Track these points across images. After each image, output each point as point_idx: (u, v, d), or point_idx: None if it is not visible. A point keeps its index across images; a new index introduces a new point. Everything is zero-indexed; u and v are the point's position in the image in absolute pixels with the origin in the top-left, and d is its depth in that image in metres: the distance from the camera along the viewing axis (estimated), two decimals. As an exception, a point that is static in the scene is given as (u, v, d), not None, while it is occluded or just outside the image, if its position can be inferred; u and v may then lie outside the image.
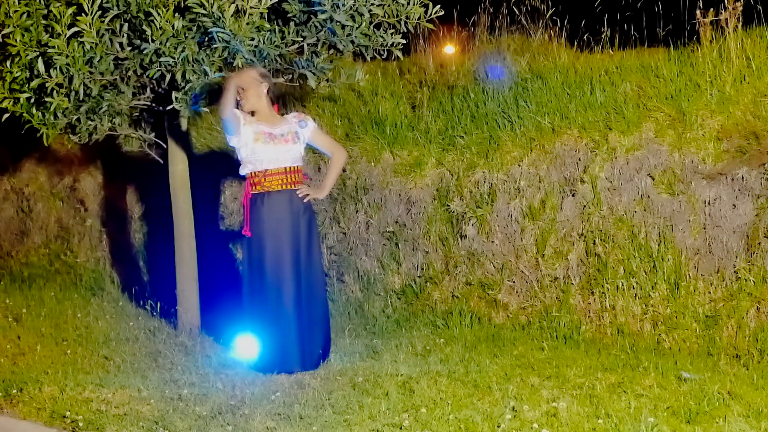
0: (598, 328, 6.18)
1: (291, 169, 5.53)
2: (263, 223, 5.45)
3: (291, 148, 5.51)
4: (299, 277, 5.46)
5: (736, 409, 4.50)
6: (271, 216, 5.45)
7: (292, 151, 5.52)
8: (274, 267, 5.42)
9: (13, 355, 5.85)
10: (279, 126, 5.56)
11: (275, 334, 5.41)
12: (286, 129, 5.55)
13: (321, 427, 4.40)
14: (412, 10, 6.07)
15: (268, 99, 5.61)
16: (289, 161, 5.51)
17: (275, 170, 5.48)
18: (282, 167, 5.49)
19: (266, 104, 5.59)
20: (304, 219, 5.53)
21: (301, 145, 5.59)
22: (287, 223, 5.47)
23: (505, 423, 4.32)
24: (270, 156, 5.46)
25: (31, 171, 9.21)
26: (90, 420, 4.58)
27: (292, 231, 5.47)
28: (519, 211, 6.68)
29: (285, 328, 5.40)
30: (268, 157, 5.46)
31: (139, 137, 6.93)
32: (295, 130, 5.58)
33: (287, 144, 5.50)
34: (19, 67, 5.74)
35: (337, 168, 5.75)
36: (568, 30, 7.47)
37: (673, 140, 6.31)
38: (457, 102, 7.22)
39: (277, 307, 5.41)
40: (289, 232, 5.46)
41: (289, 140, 5.51)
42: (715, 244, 6.02)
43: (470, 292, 6.69)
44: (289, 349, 5.39)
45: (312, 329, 5.49)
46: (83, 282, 8.21)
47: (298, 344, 5.41)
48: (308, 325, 5.47)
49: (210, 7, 5.45)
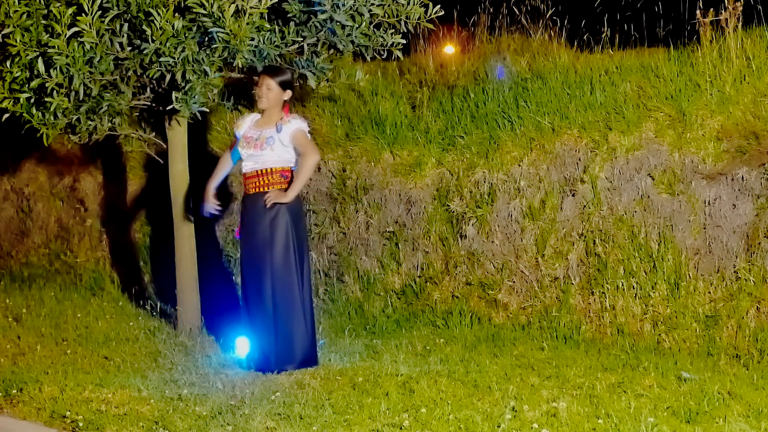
0: (598, 328, 6.18)
1: (263, 172, 5.55)
2: (243, 224, 5.68)
3: (260, 153, 5.55)
4: (262, 280, 5.50)
5: (736, 409, 4.50)
6: (247, 218, 5.63)
7: (263, 155, 5.54)
8: (248, 268, 5.60)
9: (13, 355, 5.85)
10: (265, 129, 5.60)
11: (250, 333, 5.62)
12: (264, 133, 5.58)
13: (321, 427, 4.40)
14: (412, 10, 6.07)
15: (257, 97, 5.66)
16: (259, 164, 5.56)
17: (250, 173, 5.60)
18: (255, 170, 5.58)
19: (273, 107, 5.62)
20: (278, 222, 5.52)
21: (275, 149, 5.54)
22: (258, 226, 5.54)
23: (505, 423, 4.32)
24: (246, 160, 5.62)
25: (31, 171, 9.21)
26: (90, 420, 4.57)
27: (262, 233, 5.52)
28: (519, 211, 6.68)
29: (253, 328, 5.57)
30: (245, 161, 5.63)
31: (139, 137, 6.93)
32: (270, 135, 5.57)
33: (256, 149, 5.56)
34: (19, 67, 5.74)
35: (305, 172, 5.57)
36: (568, 30, 7.47)
37: (673, 140, 6.31)
38: (457, 102, 7.22)
39: (249, 308, 5.59)
40: (259, 234, 5.53)
41: (257, 146, 5.56)
42: (715, 244, 6.02)
43: (470, 292, 6.69)
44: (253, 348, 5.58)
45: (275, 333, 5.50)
46: (83, 282, 8.20)
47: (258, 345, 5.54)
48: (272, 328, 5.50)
49: (210, 7, 5.45)
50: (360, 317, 6.88)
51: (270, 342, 5.49)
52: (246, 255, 5.62)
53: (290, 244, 5.54)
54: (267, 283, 5.50)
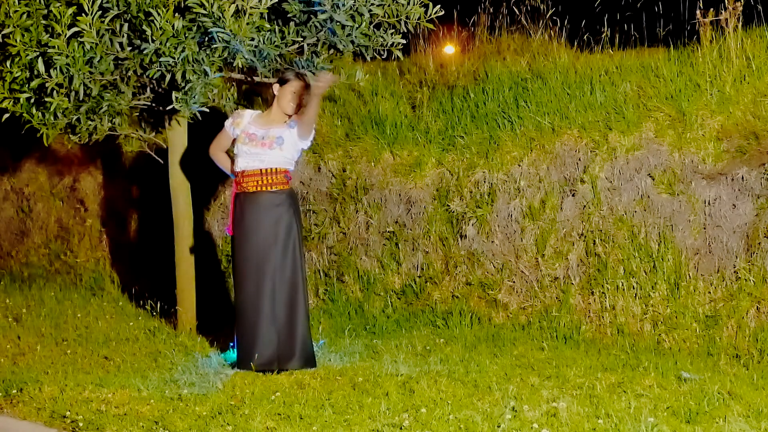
0: (598, 328, 6.18)
1: (267, 171, 5.52)
2: (240, 222, 5.56)
3: (267, 152, 5.50)
4: (264, 278, 5.45)
5: (736, 409, 4.50)
6: (246, 216, 5.53)
7: (269, 154, 5.50)
8: (249, 266, 5.50)
9: (13, 355, 5.85)
10: (273, 128, 5.55)
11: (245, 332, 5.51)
12: (272, 133, 5.53)
13: (321, 427, 4.40)
14: (412, 10, 6.07)
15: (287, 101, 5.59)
16: (264, 163, 5.51)
17: (251, 171, 5.52)
18: (257, 169, 5.51)
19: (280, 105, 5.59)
20: (280, 222, 5.51)
21: (284, 149, 5.52)
22: (260, 225, 5.50)
23: (505, 423, 4.32)
24: (246, 157, 5.53)
25: (31, 171, 9.21)
26: (90, 420, 4.57)
27: (264, 233, 5.49)
28: (519, 211, 6.68)
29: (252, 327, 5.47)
30: (244, 158, 5.54)
31: (139, 137, 6.93)
32: (279, 134, 5.53)
33: (263, 148, 5.51)
34: (19, 67, 5.74)
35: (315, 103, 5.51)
36: (568, 30, 7.47)
37: (673, 140, 6.31)
38: (457, 102, 7.22)
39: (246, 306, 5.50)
40: (261, 234, 5.49)
41: (266, 144, 5.51)
42: (715, 244, 6.02)
43: (470, 292, 6.69)
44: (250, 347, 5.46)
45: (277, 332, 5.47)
46: (83, 282, 8.21)
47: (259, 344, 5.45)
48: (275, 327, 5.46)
49: (210, 7, 5.45)
50: (360, 317, 6.88)
51: (272, 341, 5.46)
52: (246, 254, 5.53)
53: (295, 243, 5.54)
54: (269, 282, 5.47)
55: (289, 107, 5.57)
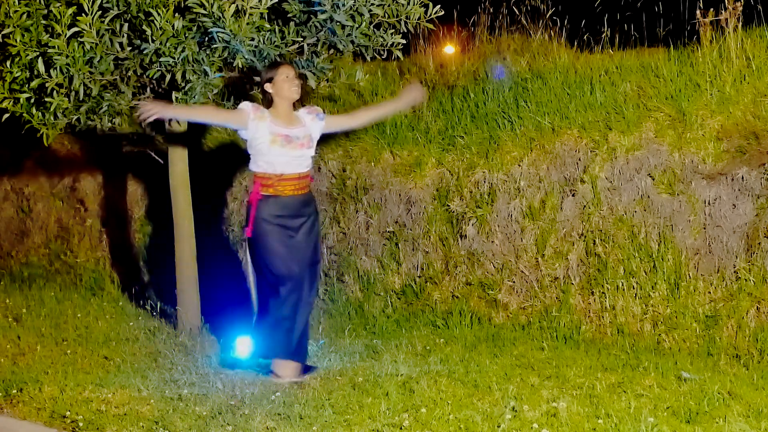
0: (598, 328, 6.18)
1: (303, 175, 5.40)
2: (269, 225, 5.27)
3: (306, 153, 5.38)
4: (303, 281, 5.32)
5: (736, 409, 4.50)
6: (280, 219, 5.29)
7: (307, 155, 5.39)
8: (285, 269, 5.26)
9: (13, 355, 5.85)
10: (296, 127, 5.38)
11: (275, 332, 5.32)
12: (302, 132, 5.38)
13: (321, 427, 4.41)
14: (412, 10, 6.07)
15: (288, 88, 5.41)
16: (303, 167, 5.38)
17: (290, 175, 5.31)
18: (296, 173, 5.34)
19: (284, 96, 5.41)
20: (316, 224, 5.50)
21: (314, 147, 5.46)
22: (301, 228, 5.36)
23: (505, 423, 4.33)
24: (285, 160, 5.29)
25: (31, 171, 9.21)
26: (90, 420, 4.58)
27: (304, 235, 5.36)
28: (519, 211, 6.68)
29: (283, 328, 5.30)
30: (283, 161, 5.29)
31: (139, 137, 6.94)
32: (309, 132, 5.42)
33: (302, 149, 5.35)
34: (19, 67, 5.74)
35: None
36: (568, 30, 7.47)
37: (673, 140, 6.31)
38: (457, 102, 7.23)
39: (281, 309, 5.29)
40: (300, 236, 5.34)
41: (304, 144, 5.36)
42: (715, 244, 6.02)
43: (470, 292, 6.69)
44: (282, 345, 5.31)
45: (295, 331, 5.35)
46: (83, 282, 8.21)
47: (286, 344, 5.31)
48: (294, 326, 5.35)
49: (210, 7, 5.45)
50: (360, 317, 6.88)
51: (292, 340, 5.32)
52: (281, 256, 5.26)
53: (319, 240, 5.55)
54: (306, 285, 5.33)
55: (294, 92, 5.38)
